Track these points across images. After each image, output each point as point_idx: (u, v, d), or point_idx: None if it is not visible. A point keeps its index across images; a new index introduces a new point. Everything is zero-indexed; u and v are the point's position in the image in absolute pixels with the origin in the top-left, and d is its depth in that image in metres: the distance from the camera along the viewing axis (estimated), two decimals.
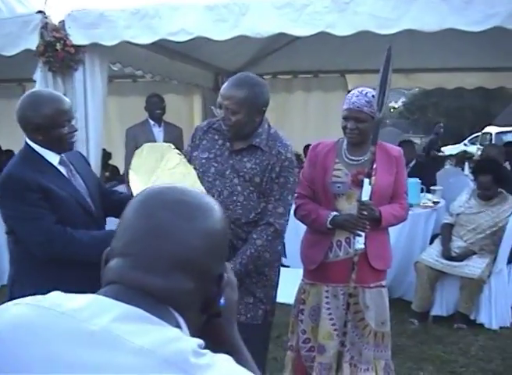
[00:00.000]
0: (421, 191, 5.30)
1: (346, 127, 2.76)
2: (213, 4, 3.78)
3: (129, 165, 2.42)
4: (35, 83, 4.02)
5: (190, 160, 2.56)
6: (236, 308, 1.08)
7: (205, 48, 5.35)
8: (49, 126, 2.25)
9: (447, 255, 4.56)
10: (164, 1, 3.89)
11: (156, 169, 2.39)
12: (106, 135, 6.24)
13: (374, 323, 2.83)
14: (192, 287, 0.91)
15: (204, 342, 0.84)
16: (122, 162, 6.02)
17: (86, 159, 2.68)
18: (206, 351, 0.83)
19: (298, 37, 5.06)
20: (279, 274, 2.66)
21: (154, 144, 2.68)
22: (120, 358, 0.77)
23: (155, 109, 5.50)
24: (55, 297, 0.89)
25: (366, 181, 2.66)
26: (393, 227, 3.75)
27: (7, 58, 4.06)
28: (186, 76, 6.53)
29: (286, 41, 6.19)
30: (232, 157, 2.48)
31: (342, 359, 2.81)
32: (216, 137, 2.55)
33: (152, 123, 5.56)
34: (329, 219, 2.75)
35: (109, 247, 0.95)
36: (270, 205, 2.44)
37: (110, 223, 2.50)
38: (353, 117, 2.72)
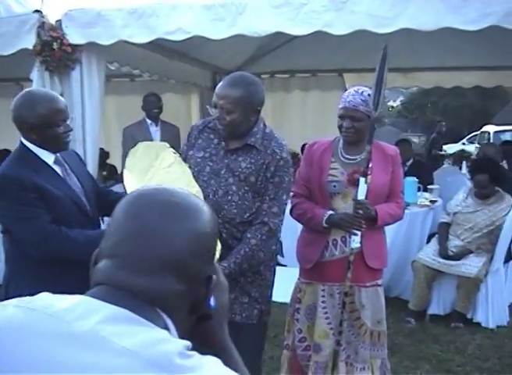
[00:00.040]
0: (418, 189, 5.30)
1: (342, 126, 2.77)
2: (210, 3, 3.77)
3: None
4: (32, 82, 4.02)
5: (185, 159, 2.56)
6: (227, 311, 1.08)
7: (203, 48, 5.35)
8: (44, 126, 2.25)
9: (444, 254, 4.56)
10: (161, 1, 3.88)
11: (151, 168, 2.39)
12: (104, 134, 6.25)
13: (370, 322, 2.84)
14: (180, 289, 0.90)
15: (191, 344, 0.84)
16: (119, 162, 6.02)
17: (81, 159, 2.67)
18: (193, 352, 0.83)
19: (296, 37, 5.06)
20: (274, 274, 2.65)
21: (149, 142, 2.67)
22: (106, 359, 0.77)
23: (152, 108, 5.50)
24: (43, 298, 0.88)
25: (362, 180, 2.67)
26: (390, 226, 3.77)
27: (5, 58, 4.05)
28: (183, 75, 6.53)
29: (284, 40, 6.19)
30: (228, 156, 2.48)
31: (338, 358, 2.82)
32: (212, 136, 2.54)
33: (149, 122, 5.56)
34: (325, 218, 2.75)
35: (98, 248, 0.95)
36: (265, 205, 2.43)
37: (106, 222, 2.51)
38: (349, 116, 2.73)
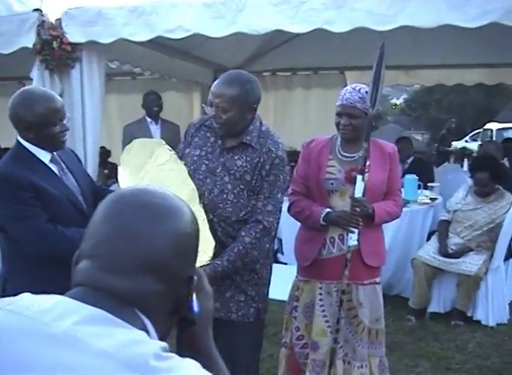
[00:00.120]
0: (419, 187, 5.29)
1: (339, 123, 2.76)
2: (210, 1, 3.77)
3: None
4: (32, 81, 4.03)
5: (182, 157, 2.56)
6: (211, 318, 1.07)
7: (205, 46, 5.36)
8: (41, 125, 2.25)
9: (444, 251, 4.56)
10: None
11: (145, 165, 2.39)
12: (106, 133, 6.26)
13: (368, 320, 2.83)
14: (159, 289, 0.90)
15: (167, 345, 0.84)
16: None
17: (78, 157, 2.68)
18: (170, 354, 0.82)
19: (297, 34, 5.06)
20: (271, 272, 2.65)
21: (144, 139, 2.67)
22: (82, 359, 0.77)
23: (152, 107, 5.51)
24: (24, 299, 0.89)
25: (359, 178, 2.66)
26: (391, 224, 3.78)
27: (7, 56, 4.06)
28: (185, 73, 6.54)
29: (286, 38, 6.19)
30: (224, 155, 2.47)
31: (335, 356, 2.82)
32: (208, 134, 2.53)
33: (149, 120, 5.57)
34: (322, 215, 2.75)
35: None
36: (259, 203, 2.42)
37: None
38: (347, 113, 2.72)
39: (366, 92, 2.70)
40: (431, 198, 5.24)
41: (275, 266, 2.81)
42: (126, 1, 3.94)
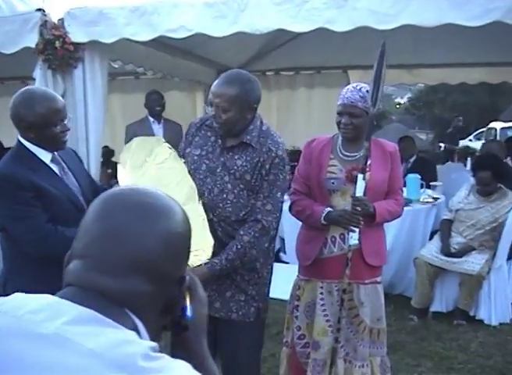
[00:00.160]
0: (421, 186, 5.28)
1: (340, 123, 2.77)
2: (212, 1, 3.78)
3: None
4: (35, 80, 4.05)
5: (183, 157, 2.55)
6: (205, 325, 1.07)
7: (207, 45, 5.35)
8: (42, 125, 2.26)
9: (446, 251, 4.55)
10: None
11: (144, 163, 2.39)
12: (109, 132, 6.27)
13: (369, 320, 2.83)
14: (150, 290, 0.90)
15: (158, 345, 0.84)
16: None
17: (79, 157, 2.68)
18: (160, 355, 0.82)
19: (300, 34, 5.06)
20: (271, 271, 2.64)
21: (144, 138, 2.66)
22: (71, 359, 0.77)
23: (155, 106, 5.51)
24: (15, 300, 0.89)
25: (360, 177, 2.66)
26: (393, 223, 3.77)
27: (10, 56, 4.08)
28: (188, 73, 6.53)
29: (289, 37, 6.18)
30: (224, 154, 2.46)
31: (336, 356, 2.82)
32: (209, 133, 2.53)
33: (152, 119, 5.57)
34: (324, 214, 2.75)
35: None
36: (259, 203, 2.42)
37: None
38: (348, 112, 2.73)
39: (367, 91, 2.70)
40: (433, 198, 5.23)
41: (278, 266, 2.82)
42: (127, 1, 3.95)
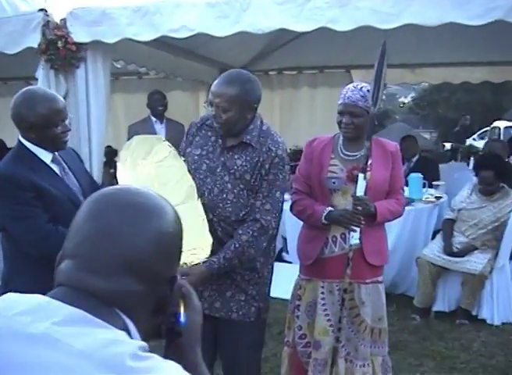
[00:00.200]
0: (424, 186, 5.27)
1: (341, 122, 2.76)
2: (214, 0, 3.79)
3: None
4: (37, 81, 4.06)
5: (183, 156, 2.55)
6: (199, 334, 1.06)
7: (210, 45, 5.36)
8: (43, 125, 2.26)
9: (449, 250, 4.54)
10: None
11: (144, 161, 2.39)
12: (112, 132, 6.28)
13: (370, 319, 2.83)
14: (140, 289, 0.90)
15: (147, 345, 0.84)
16: None
17: (79, 157, 2.68)
18: (150, 354, 0.82)
19: (303, 33, 5.07)
20: (272, 271, 2.63)
21: (144, 136, 2.65)
22: (59, 360, 0.78)
23: (157, 106, 5.53)
24: (6, 300, 0.89)
25: (361, 176, 2.66)
26: (395, 223, 3.77)
27: (13, 57, 4.09)
28: (190, 72, 6.54)
29: (291, 37, 6.18)
30: (224, 154, 2.46)
31: (337, 355, 2.82)
32: (209, 133, 2.53)
33: (154, 119, 5.59)
34: (324, 214, 2.75)
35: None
36: (258, 202, 2.41)
37: None
38: (348, 112, 2.72)
39: (368, 90, 2.70)
40: (436, 197, 5.22)
41: (279, 265, 2.82)
42: (130, 1, 3.96)
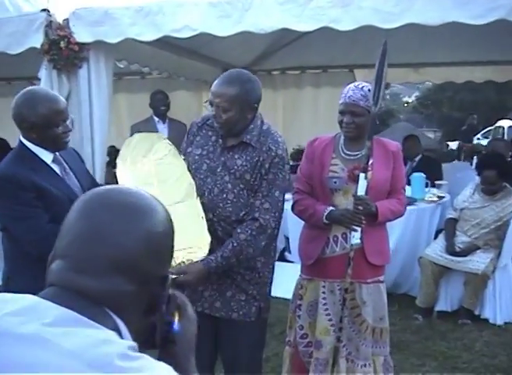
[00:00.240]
0: (426, 185, 5.26)
1: (342, 122, 2.76)
2: (216, 0, 3.79)
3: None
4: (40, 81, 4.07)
5: (184, 156, 2.55)
6: (193, 343, 1.06)
7: (213, 45, 5.36)
8: (44, 126, 2.27)
9: (451, 250, 4.53)
10: None
11: (144, 159, 2.39)
12: (115, 132, 6.29)
13: (371, 319, 2.83)
14: (131, 289, 0.90)
15: (136, 345, 0.84)
16: None
17: (80, 157, 2.68)
18: (140, 354, 0.82)
19: (306, 33, 5.07)
20: (273, 271, 2.63)
21: (145, 134, 2.65)
22: (49, 360, 0.78)
23: (160, 106, 5.53)
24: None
25: (362, 176, 2.66)
26: (398, 222, 3.76)
27: (16, 57, 4.11)
28: (193, 72, 6.55)
29: (294, 36, 6.18)
30: (224, 154, 2.46)
31: (338, 355, 2.82)
32: (210, 133, 2.53)
33: (157, 119, 5.59)
34: (325, 214, 2.75)
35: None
36: (257, 201, 2.41)
37: None
38: (349, 111, 2.72)
39: (369, 90, 2.70)
40: (438, 196, 5.21)
41: (281, 265, 2.81)
42: (132, 1, 3.97)
